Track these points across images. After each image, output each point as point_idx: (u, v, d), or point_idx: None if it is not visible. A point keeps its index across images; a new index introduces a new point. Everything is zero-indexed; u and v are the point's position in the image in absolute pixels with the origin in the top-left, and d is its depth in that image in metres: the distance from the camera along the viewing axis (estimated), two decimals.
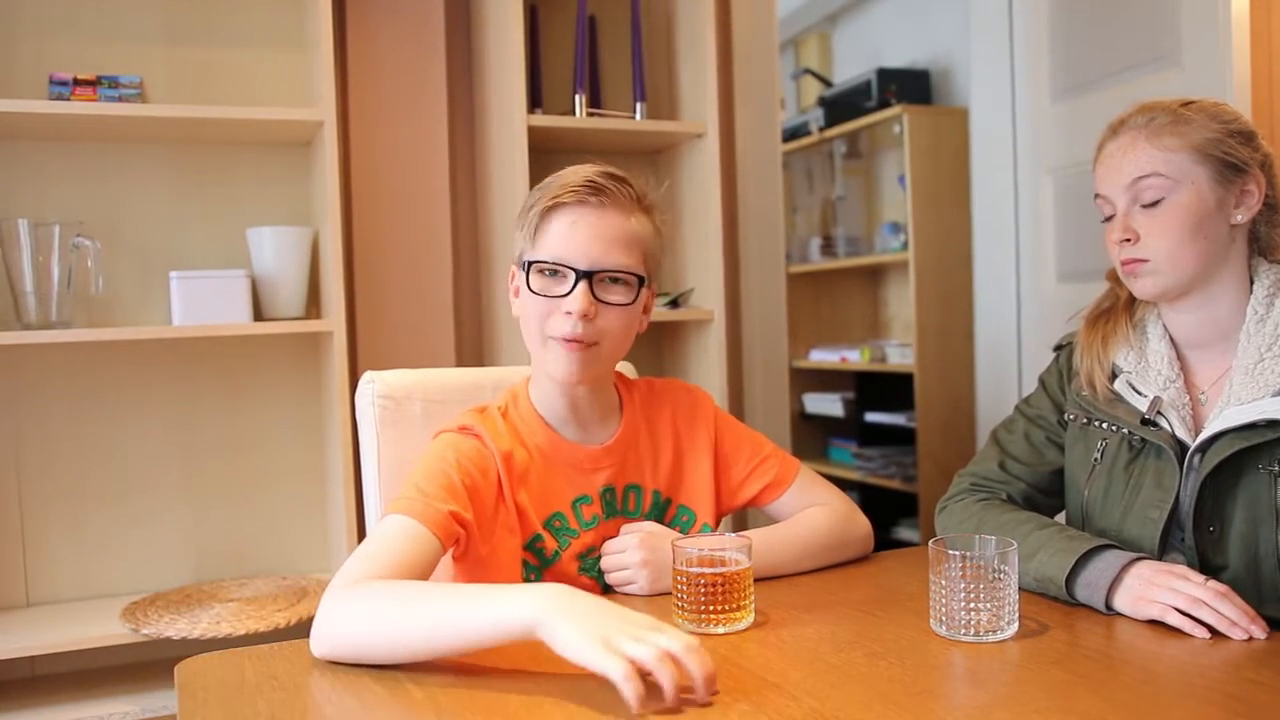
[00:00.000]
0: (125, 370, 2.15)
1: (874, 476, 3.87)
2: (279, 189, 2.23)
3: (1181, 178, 1.23)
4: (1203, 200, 1.23)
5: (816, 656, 1.04)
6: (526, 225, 1.24)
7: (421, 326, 2.39)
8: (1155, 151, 1.24)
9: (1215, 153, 1.23)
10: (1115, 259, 1.29)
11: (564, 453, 1.28)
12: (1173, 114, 1.25)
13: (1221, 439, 1.20)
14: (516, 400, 1.31)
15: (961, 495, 1.38)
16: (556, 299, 1.21)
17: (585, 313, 1.20)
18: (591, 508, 1.29)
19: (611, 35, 2.50)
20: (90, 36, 2.10)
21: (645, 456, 1.34)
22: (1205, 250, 1.23)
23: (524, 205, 1.27)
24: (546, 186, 1.25)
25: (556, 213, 1.22)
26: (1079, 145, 2.65)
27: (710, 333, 2.35)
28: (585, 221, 1.22)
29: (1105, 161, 1.29)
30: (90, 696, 1.94)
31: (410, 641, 1.00)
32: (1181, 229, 1.23)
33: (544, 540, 1.26)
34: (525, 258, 1.24)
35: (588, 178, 1.22)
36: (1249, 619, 1.05)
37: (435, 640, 0.99)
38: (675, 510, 1.35)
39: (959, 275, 3.41)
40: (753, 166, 2.72)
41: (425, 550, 1.11)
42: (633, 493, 1.32)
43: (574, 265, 1.21)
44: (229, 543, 2.22)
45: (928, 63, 3.95)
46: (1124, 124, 1.28)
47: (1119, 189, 1.26)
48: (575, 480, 1.28)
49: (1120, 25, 2.50)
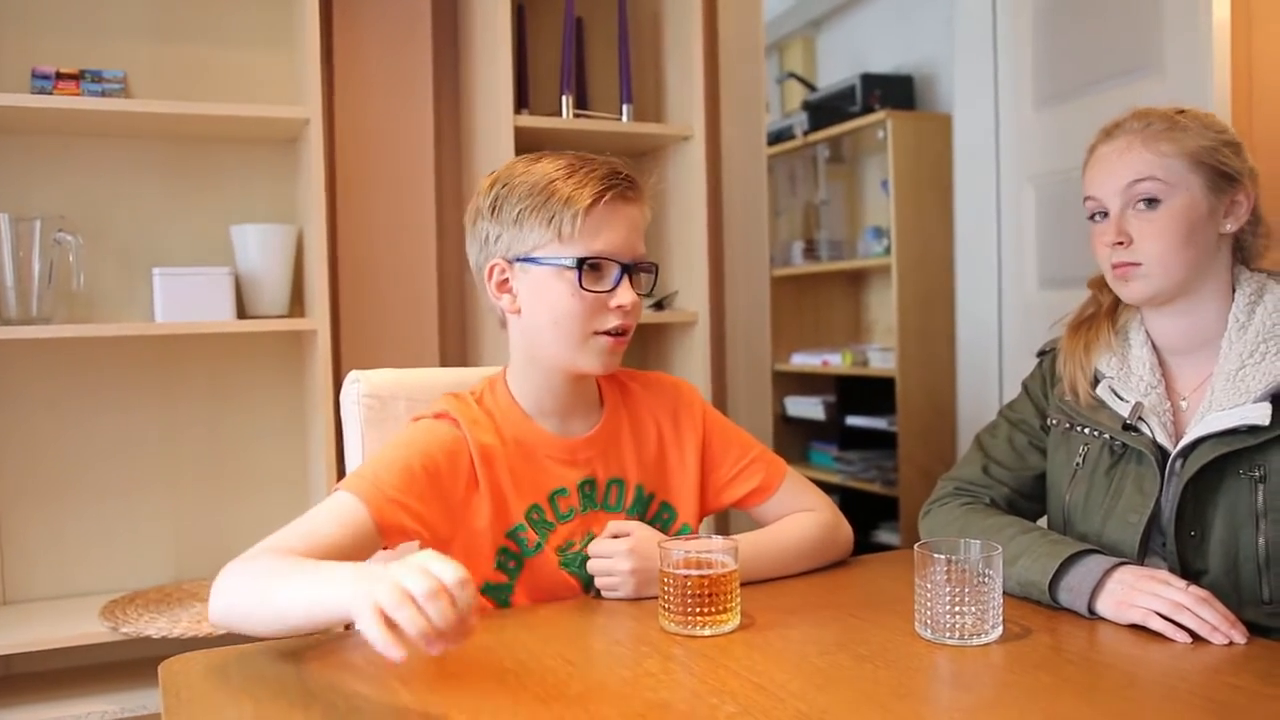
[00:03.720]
0: (106, 367, 2.13)
1: (854, 480, 3.89)
2: (263, 186, 2.22)
3: (1177, 183, 1.24)
4: (1196, 207, 1.24)
5: (802, 659, 1.04)
6: (557, 221, 1.19)
7: (405, 326, 2.38)
8: (1152, 156, 1.25)
9: (1209, 161, 1.24)
10: (1105, 262, 1.30)
11: (541, 444, 1.27)
12: (1169, 120, 1.26)
13: (1203, 444, 1.21)
14: (494, 389, 1.30)
15: (945, 499, 1.39)
16: (602, 295, 1.21)
17: (636, 305, 1.23)
18: (568, 500, 1.27)
19: (598, 36, 2.50)
20: (74, 30, 2.08)
21: (628, 450, 1.33)
22: (1195, 257, 1.25)
23: (530, 200, 1.21)
24: (569, 179, 1.20)
25: (597, 207, 1.20)
26: (1061, 152, 2.67)
27: (695, 335, 2.35)
28: (624, 214, 1.22)
29: (1098, 164, 1.30)
30: (68, 696, 1.93)
31: (264, 619, 1.03)
32: (1175, 234, 1.24)
33: (526, 531, 1.25)
34: (566, 254, 1.20)
35: (615, 169, 1.23)
36: (1229, 624, 1.07)
37: (286, 621, 1.02)
38: (658, 506, 1.34)
39: (941, 280, 3.43)
40: (738, 170, 2.73)
41: (358, 535, 1.11)
42: (615, 486, 1.31)
43: (620, 259, 1.22)
44: (209, 541, 2.21)
45: (911, 68, 3.97)
46: (1119, 127, 1.29)
47: (1113, 191, 1.27)
48: (552, 472, 1.27)
49: (1103, 34, 2.52)
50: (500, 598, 1.25)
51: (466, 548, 1.22)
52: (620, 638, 1.11)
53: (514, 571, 1.25)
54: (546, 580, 1.25)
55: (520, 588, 1.25)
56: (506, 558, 1.24)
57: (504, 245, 1.24)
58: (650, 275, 1.27)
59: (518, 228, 1.22)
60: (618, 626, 1.15)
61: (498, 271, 1.25)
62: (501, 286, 1.26)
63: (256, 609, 1.03)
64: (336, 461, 2.03)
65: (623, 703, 0.92)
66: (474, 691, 0.98)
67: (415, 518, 1.16)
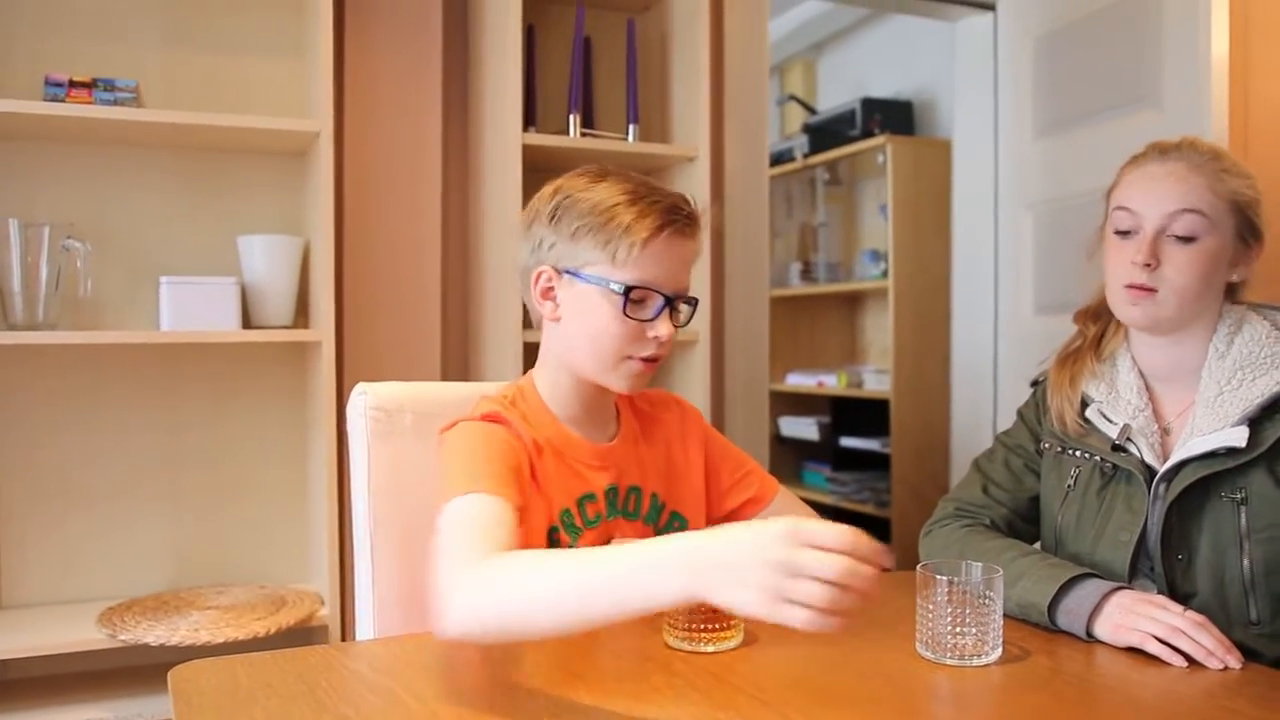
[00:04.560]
0: (110, 374, 2.14)
1: (847, 501, 3.90)
2: (271, 197, 2.24)
3: (1217, 224, 1.26)
4: (1223, 252, 1.27)
5: (806, 676, 1.05)
6: (613, 246, 1.21)
7: (408, 339, 2.39)
8: (1206, 192, 1.26)
9: (1246, 212, 1.27)
10: (1118, 278, 1.29)
11: (571, 448, 1.29)
12: (1219, 161, 1.28)
13: (1186, 467, 1.24)
14: (524, 394, 1.31)
15: (946, 520, 1.41)
16: (642, 323, 1.22)
17: (671, 337, 1.24)
18: (596, 505, 1.29)
19: (606, 57, 2.53)
20: (87, 38, 2.10)
21: (644, 459, 1.36)
22: (1206, 298, 1.28)
23: (591, 219, 1.22)
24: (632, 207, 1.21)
25: (654, 240, 1.21)
26: (1060, 181, 2.71)
27: (696, 354, 2.37)
28: (679, 249, 1.24)
29: (1146, 181, 1.29)
30: (64, 702, 1.92)
31: (561, 612, 0.95)
32: (1200, 272, 1.26)
33: (560, 533, 1.26)
34: (616, 279, 1.21)
35: (677, 204, 1.24)
36: (1225, 649, 1.09)
37: (588, 610, 0.93)
38: (669, 515, 1.36)
39: (937, 304, 3.46)
40: (740, 191, 2.75)
41: (513, 523, 1.10)
42: (634, 494, 1.33)
43: (664, 291, 1.23)
44: (208, 550, 2.21)
45: (911, 94, 4.01)
46: (1177, 150, 1.29)
47: (1158, 212, 1.27)
48: (583, 476, 1.29)
49: (1103, 66, 2.56)
50: None
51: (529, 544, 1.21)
52: (625, 653, 1.12)
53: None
54: None
55: None
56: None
57: (556, 255, 1.25)
58: (691, 309, 1.29)
59: (573, 242, 1.23)
60: (622, 642, 1.16)
61: (544, 278, 1.27)
62: (546, 293, 1.27)
63: (535, 605, 0.95)
64: (338, 473, 2.04)
65: (629, 718, 0.93)
66: (481, 704, 0.99)
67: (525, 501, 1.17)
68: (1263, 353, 1.25)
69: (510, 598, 0.97)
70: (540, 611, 0.95)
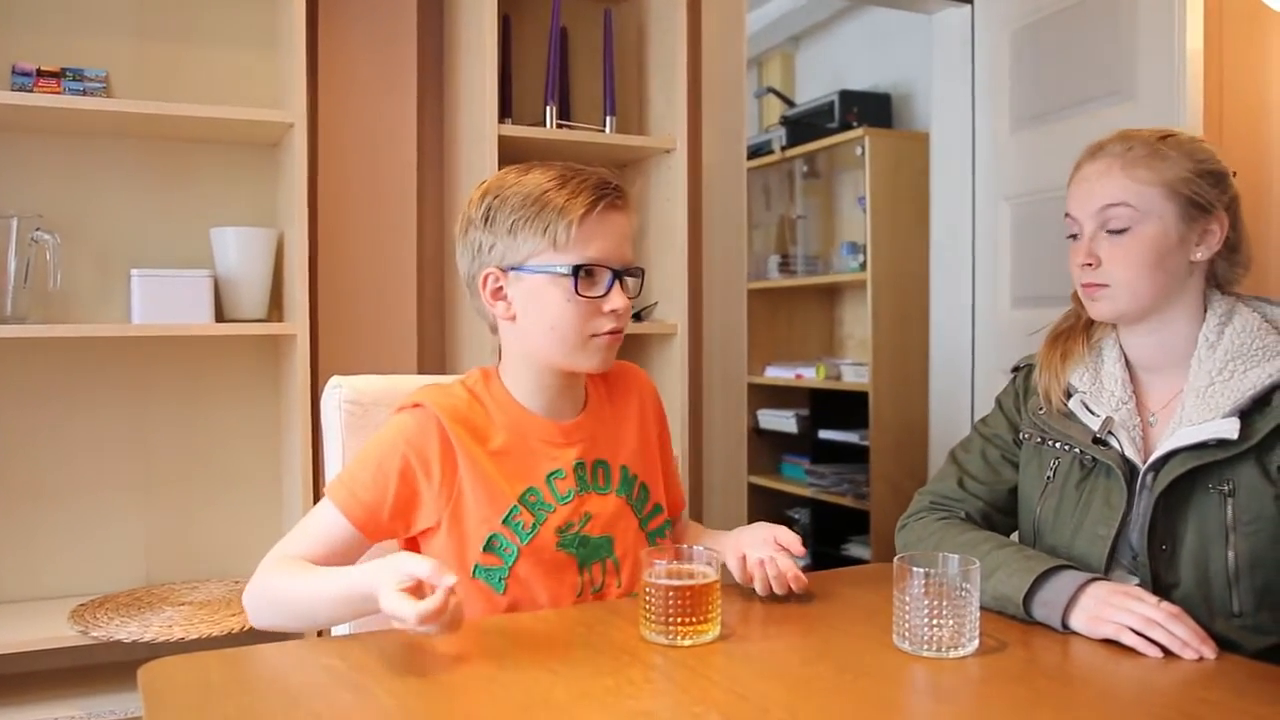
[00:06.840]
0: (81, 368, 2.11)
1: (826, 493, 3.91)
2: (244, 189, 2.21)
3: (1149, 211, 1.27)
4: (1166, 235, 1.27)
5: (784, 669, 1.05)
6: (551, 231, 1.23)
7: (384, 332, 2.37)
8: (1128, 182, 1.27)
9: (1184, 191, 1.27)
10: (1077, 279, 1.34)
11: (536, 429, 1.31)
12: (1150, 147, 1.28)
13: (1174, 458, 1.24)
14: (488, 380, 1.34)
15: (922, 514, 1.41)
16: (596, 300, 1.25)
17: (627, 309, 1.27)
18: (565, 482, 1.31)
19: (583, 48, 2.52)
20: (56, 28, 2.07)
21: (611, 432, 1.38)
22: (1163, 282, 1.28)
23: (524, 211, 1.25)
24: (561, 190, 1.24)
25: (590, 216, 1.24)
26: (1036, 173, 2.72)
27: (673, 346, 2.36)
28: (615, 222, 1.27)
29: (1080, 183, 1.32)
30: (36, 700, 1.90)
31: (310, 615, 1.21)
32: (1142, 261, 1.27)
33: (520, 514, 1.27)
34: (561, 262, 1.24)
35: (605, 180, 1.27)
36: (1200, 640, 1.09)
37: (328, 614, 1.21)
38: (640, 488, 1.37)
39: (915, 296, 3.47)
40: (717, 183, 2.75)
41: (348, 539, 1.24)
42: (601, 468, 1.34)
43: (612, 265, 1.26)
44: (181, 545, 2.19)
45: (889, 87, 4.02)
46: (1103, 149, 1.31)
47: (1088, 213, 1.30)
48: (547, 455, 1.31)
49: (1079, 58, 2.57)
50: (495, 581, 1.26)
51: (454, 533, 1.25)
52: (602, 647, 1.12)
53: (510, 555, 1.26)
54: (545, 562, 1.28)
55: (517, 570, 1.26)
56: (501, 542, 1.26)
57: (498, 254, 1.27)
58: (638, 279, 1.32)
59: (512, 237, 1.26)
60: (599, 635, 1.15)
61: (491, 280, 1.29)
62: (496, 295, 1.29)
63: (290, 610, 1.22)
64: (313, 466, 2.02)
65: (606, 711, 0.93)
66: (457, 699, 0.98)
67: (392, 517, 1.25)
68: (1254, 344, 1.26)
69: (274, 599, 1.22)
70: (294, 613, 1.22)
